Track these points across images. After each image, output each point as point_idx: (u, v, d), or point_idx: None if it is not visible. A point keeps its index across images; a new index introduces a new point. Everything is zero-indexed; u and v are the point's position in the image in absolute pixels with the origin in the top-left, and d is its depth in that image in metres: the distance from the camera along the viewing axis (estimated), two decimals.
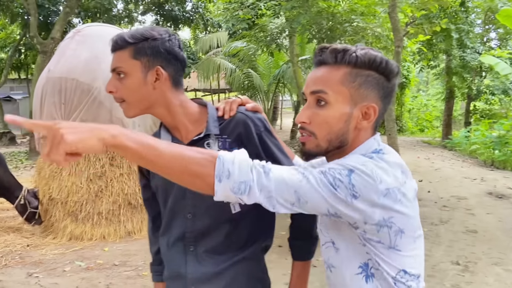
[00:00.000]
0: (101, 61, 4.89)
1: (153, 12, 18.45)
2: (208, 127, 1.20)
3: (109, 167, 4.93)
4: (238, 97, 1.30)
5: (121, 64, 1.14)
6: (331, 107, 0.95)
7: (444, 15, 12.04)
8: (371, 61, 0.94)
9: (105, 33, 5.26)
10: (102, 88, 4.78)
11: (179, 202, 1.23)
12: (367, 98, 0.95)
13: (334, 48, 0.97)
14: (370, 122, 0.97)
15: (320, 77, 0.97)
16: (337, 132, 0.96)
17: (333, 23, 7.04)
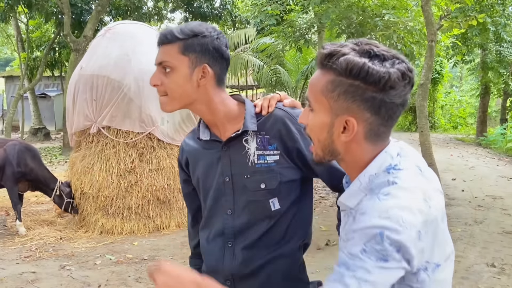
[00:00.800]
0: (131, 58, 4.97)
1: (182, 10, 18.60)
2: (245, 124, 1.19)
3: (138, 163, 5.00)
4: (276, 93, 1.28)
5: (169, 59, 1.13)
6: (315, 115, 0.90)
7: (480, 8, 11.61)
8: (348, 68, 0.83)
9: (134, 31, 5.33)
10: (132, 85, 4.86)
11: (219, 199, 1.23)
12: (347, 110, 0.86)
13: (321, 52, 0.88)
14: (349, 137, 0.87)
15: (311, 82, 0.92)
16: (323, 141, 0.91)
17: (363, 18, 6.89)
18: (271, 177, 1.19)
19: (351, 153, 0.91)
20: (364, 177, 0.90)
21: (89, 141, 5.11)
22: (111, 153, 4.96)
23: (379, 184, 0.86)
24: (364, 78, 0.83)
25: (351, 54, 0.84)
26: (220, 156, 1.22)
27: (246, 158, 1.19)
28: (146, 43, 5.16)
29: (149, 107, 4.96)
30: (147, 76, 4.78)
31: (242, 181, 1.20)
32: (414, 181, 0.85)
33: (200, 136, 1.24)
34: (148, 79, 1.19)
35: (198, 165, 1.28)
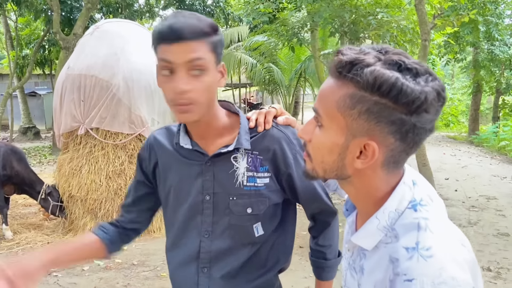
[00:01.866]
0: (120, 57, 4.85)
1: (174, 7, 18.43)
2: (239, 140, 1.06)
3: (128, 165, 4.89)
4: (272, 107, 1.15)
5: (204, 56, 0.95)
6: (325, 132, 0.76)
7: (472, 6, 11.61)
8: (377, 83, 0.68)
9: (123, 29, 5.21)
10: (121, 85, 4.74)
11: (194, 217, 1.10)
12: (368, 132, 0.71)
13: (339, 59, 0.72)
14: (366, 164, 0.74)
15: (321, 92, 0.77)
16: (330, 164, 0.77)
17: (357, 16, 6.82)
18: (259, 201, 1.08)
19: (363, 180, 0.78)
20: (383, 214, 0.76)
21: (77, 143, 4.99)
22: (99, 155, 4.85)
23: (407, 227, 0.73)
24: (395, 97, 0.68)
25: (377, 65, 0.69)
26: (201, 170, 1.09)
27: (234, 178, 1.07)
28: (135, 42, 5.05)
29: (139, 108, 4.85)
30: (136, 75, 4.64)
31: (226, 202, 1.08)
32: (443, 221, 0.75)
33: (180, 142, 1.10)
34: (137, 78, 1.08)
35: (171, 174, 1.13)
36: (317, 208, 1.17)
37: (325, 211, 1.18)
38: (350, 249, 0.88)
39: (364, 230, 0.79)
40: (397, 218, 0.75)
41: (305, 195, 1.13)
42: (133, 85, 4.77)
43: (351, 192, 0.82)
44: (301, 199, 1.14)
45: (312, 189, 1.14)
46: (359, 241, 0.80)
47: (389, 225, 0.75)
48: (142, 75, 4.83)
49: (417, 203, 0.75)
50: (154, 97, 4.96)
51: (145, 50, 5.13)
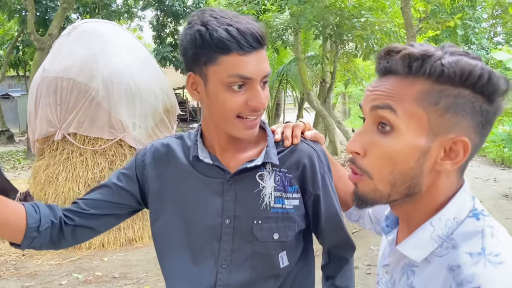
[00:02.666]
0: (99, 59, 4.64)
1: (153, 8, 18.15)
2: (268, 153, 0.93)
3: (108, 172, 4.68)
4: (300, 121, 1.03)
5: None
6: (398, 136, 0.65)
7: (451, 10, 11.78)
8: (465, 74, 0.62)
9: (102, 30, 5.00)
10: (101, 88, 4.53)
11: (210, 244, 0.94)
12: (454, 128, 0.64)
13: (408, 53, 0.64)
14: (456, 164, 0.65)
15: (387, 90, 0.66)
16: (404, 173, 0.66)
17: (341, 19, 6.77)
18: (287, 226, 0.94)
19: (435, 189, 0.68)
20: (439, 221, 0.67)
21: (53, 149, 4.75)
22: (77, 162, 4.62)
23: (468, 235, 0.64)
24: (482, 87, 0.62)
25: (456, 55, 0.63)
26: (222, 189, 0.94)
27: (259, 199, 0.93)
28: (115, 43, 4.85)
29: (119, 112, 4.64)
30: (116, 78, 4.40)
31: (249, 227, 0.93)
32: (507, 234, 0.65)
33: (199, 155, 0.95)
34: (117, 81, 0.94)
35: (182, 190, 0.97)
36: (337, 240, 1.04)
37: (345, 244, 1.06)
38: (389, 271, 0.76)
39: (414, 238, 0.69)
40: (455, 228, 0.66)
41: (327, 223, 1.00)
42: (113, 88, 4.57)
43: (407, 208, 0.71)
44: (322, 227, 1.00)
45: (336, 216, 1.01)
46: (407, 251, 0.69)
47: (446, 235, 0.66)
48: (122, 77, 4.64)
49: (479, 212, 0.67)
50: (135, 101, 4.77)
51: (125, 52, 4.95)
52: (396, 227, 0.80)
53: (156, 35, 18.22)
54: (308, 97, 8.29)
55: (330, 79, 8.92)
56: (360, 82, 10.08)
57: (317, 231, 1.03)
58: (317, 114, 9.96)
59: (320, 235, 1.03)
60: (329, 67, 8.79)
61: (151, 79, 5.03)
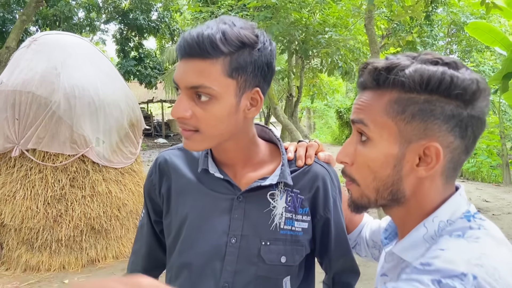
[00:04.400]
0: (61, 72, 4.48)
1: (117, 21, 17.88)
2: (283, 173, 0.89)
3: (69, 189, 4.48)
4: (314, 141, 0.99)
5: (208, 83, 0.78)
6: (373, 146, 0.69)
7: (409, 28, 12.27)
8: (424, 80, 0.64)
9: (64, 42, 4.84)
10: (62, 102, 4.36)
11: (212, 263, 0.89)
12: (425, 133, 0.66)
13: (373, 67, 0.69)
14: (430, 170, 0.66)
15: (361, 104, 0.71)
16: (384, 180, 0.69)
17: (306, 35, 6.89)
18: (295, 250, 0.90)
19: (420, 195, 0.69)
20: (432, 223, 0.68)
21: (10, 166, 4.50)
22: (36, 179, 4.40)
23: (455, 230, 0.65)
24: (447, 90, 0.64)
25: (416, 64, 0.65)
26: (230, 206, 0.89)
27: (269, 219, 0.89)
28: (78, 56, 4.70)
29: (82, 126, 4.48)
30: (79, 92, 4.25)
31: (256, 248, 0.88)
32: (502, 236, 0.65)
33: (209, 168, 0.90)
34: (80, 94, 0.87)
35: (188, 204, 0.92)
36: (343, 265, 1.00)
37: (351, 270, 1.02)
38: (387, 281, 0.77)
39: (409, 239, 0.70)
40: (445, 228, 0.67)
41: (336, 249, 0.96)
42: (76, 102, 4.41)
43: (400, 213, 0.73)
44: (330, 253, 0.97)
45: (345, 242, 0.98)
46: (401, 252, 0.71)
47: (437, 234, 0.67)
48: (86, 91, 4.49)
49: (471, 215, 0.68)
50: (99, 115, 4.62)
51: (88, 65, 4.80)
52: (394, 239, 0.81)
53: (119, 48, 17.91)
54: (274, 111, 8.33)
55: (297, 94, 9.01)
56: (324, 97, 10.26)
57: (323, 256, 0.99)
58: (284, 128, 10.04)
59: (326, 260, 1.00)
60: (295, 81, 8.89)
61: (116, 92, 4.90)
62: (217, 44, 0.76)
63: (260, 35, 0.81)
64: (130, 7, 17.05)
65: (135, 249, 1.07)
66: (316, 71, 8.40)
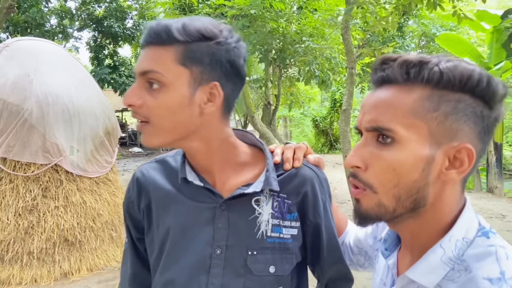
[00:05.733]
0: (33, 79, 4.34)
1: (90, 28, 17.61)
2: (268, 179, 0.84)
3: (41, 199, 4.33)
4: (302, 143, 0.95)
5: (160, 69, 0.76)
6: (400, 147, 0.62)
7: (382, 39, 12.56)
8: (464, 78, 0.61)
9: (37, 48, 4.71)
10: (34, 110, 4.23)
11: (197, 277, 0.84)
12: (457, 135, 0.61)
13: (404, 60, 0.63)
14: (462, 173, 0.63)
15: (383, 102, 0.64)
16: (409, 186, 0.63)
17: (284, 44, 6.94)
18: (284, 258, 0.85)
19: (440, 204, 0.64)
20: (449, 243, 0.63)
21: None
22: (7, 189, 4.23)
23: (480, 257, 0.61)
24: (482, 91, 0.61)
25: (453, 61, 0.62)
26: (213, 216, 0.84)
27: (255, 227, 0.85)
28: (52, 62, 4.58)
29: (55, 135, 4.35)
30: (52, 99, 4.12)
31: (242, 258, 0.84)
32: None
33: (188, 177, 0.86)
34: (53, 102, 0.83)
35: (168, 218, 0.88)
36: (337, 272, 0.96)
37: (344, 278, 0.99)
38: None
39: (425, 262, 0.64)
40: (465, 248, 0.63)
41: (328, 255, 0.93)
42: (49, 110, 4.29)
43: (412, 226, 0.67)
44: (322, 259, 0.93)
45: (337, 247, 0.95)
46: (418, 277, 0.65)
47: (456, 257, 0.62)
48: (59, 98, 4.37)
49: (488, 231, 0.64)
50: (73, 123, 4.50)
51: (62, 71, 4.68)
52: (395, 250, 0.76)
53: (93, 56, 17.61)
54: (252, 119, 8.34)
55: (274, 102, 9.06)
56: (301, 105, 10.35)
57: (315, 264, 0.95)
58: (261, 137, 10.05)
59: (318, 268, 0.96)
60: (272, 90, 8.94)
61: (91, 100, 4.79)
62: (172, 31, 0.76)
63: (224, 31, 0.80)
64: (104, 14, 16.83)
65: (122, 272, 1.03)
66: (293, 80, 8.47)
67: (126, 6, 16.88)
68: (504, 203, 8.47)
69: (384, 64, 0.66)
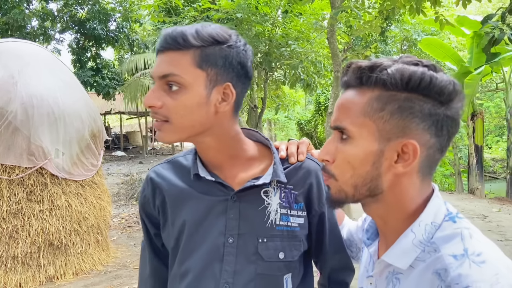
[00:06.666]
0: (18, 81, 4.28)
1: (73, 31, 17.39)
2: (276, 171, 0.91)
3: (26, 203, 4.27)
4: (305, 139, 1.03)
5: (179, 72, 0.82)
6: (354, 143, 0.71)
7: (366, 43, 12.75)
8: (405, 79, 0.67)
9: (21, 50, 4.65)
10: (19, 112, 4.17)
11: (211, 265, 0.90)
12: (404, 131, 0.68)
13: (357, 66, 0.72)
14: (407, 166, 0.69)
15: (342, 105, 0.73)
16: (363, 176, 0.71)
17: (270, 47, 6.99)
18: (293, 245, 0.91)
19: (398, 191, 0.72)
20: (419, 228, 0.70)
21: None
22: None
23: (447, 238, 0.68)
24: (426, 89, 0.67)
25: (398, 64, 0.69)
26: (225, 207, 0.90)
27: (264, 216, 0.91)
28: (36, 64, 4.53)
29: (40, 138, 4.30)
30: (37, 101, 4.08)
31: (253, 246, 0.90)
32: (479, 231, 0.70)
33: (200, 172, 0.91)
34: (38, 104, 0.86)
35: (183, 212, 0.93)
36: (339, 262, 1.02)
37: (346, 267, 1.04)
38: (373, 282, 0.79)
39: (398, 246, 0.72)
40: (434, 232, 0.70)
41: (331, 244, 0.98)
42: (33, 112, 4.23)
43: (379, 211, 0.76)
44: (325, 248, 0.98)
45: (339, 237, 1.01)
46: (393, 259, 0.72)
47: (426, 239, 0.70)
48: (44, 101, 4.32)
49: (455, 216, 0.71)
50: (58, 125, 4.45)
51: (47, 74, 4.63)
52: (376, 239, 0.84)
53: (75, 58, 17.38)
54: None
55: (260, 105, 9.09)
56: (286, 108, 10.41)
57: (318, 253, 1.01)
58: None
59: (321, 257, 1.01)
60: (257, 93, 8.98)
61: (76, 102, 4.75)
62: (188, 37, 0.82)
63: (233, 36, 0.87)
64: (87, 16, 16.64)
65: (140, 272, 1.07)
66: (279, 83, 8.53)
67: (110, 8, 16.72)
68: (485, 203, 8.67)
69: (346, 70, 0.74)
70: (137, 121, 20.34)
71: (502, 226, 6.32)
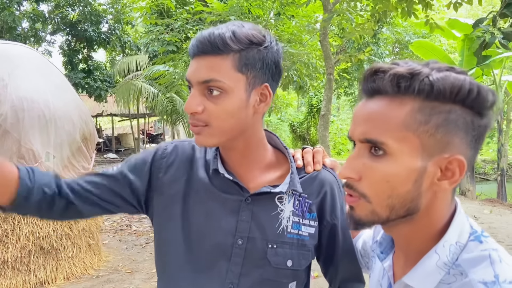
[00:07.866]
0: (8, 83, 4.23)
1: (64, 32, 17.27)
2: (293, 181, 0.90)
3: None
4: (319, 147, 1.01)
5: (221, 77, 0.81)
6: (393, 160, 0.63)
7: (358, 45, 12.81)
8: (455, 89, 0.60)
9: (11, 52, 4.60)
10: (9, 115, 4.12)
11: (217, 264, 0.89)
12: (448, 146, 0.62)
13: (395, 72, 0.63)
14: (454, 183, 0.63)
15: (375, 115, 0.64)
16: (403, 196, 0.64)
17: None
18: (301, 254, 0.90)
19: (433, 210, 0.66)
20: (443, 248, 0.65)
21: None
22: None
23: (475, 261, 0.63)
24: (473, 101, 0.61)
25: (443, 70, 0.62)
26: (238, 208, 0.89)
27: (276, 222, 0.90)
28: (27, 67, 4.48)
29: (31, 140, 4.24)
30: (27, 104, 4.03)
31: (262, 251, 0.88)
32: (506, 253, 0.64)
33: (219, 169, 0.90)
34: (29, 107, 0.82)
35: (196, 203, 0.91)
36: (350, 273, 1.01)
37: (356, 279, 1.03)
38: None
39: (422, 268, 0.66)
40: (459, 253, 0.65)
41: (344, 256, 0.97)
42: (24, 115, 4.18)
43: (404, 230, 0.69)
44: (337, 260, 0.97)
45: (352, 249, 1.00)
46: (415, 282, 0.66)
47: (451, 261, 0.64)
48: (35, 103, 4.27)
49: (480, 234, 0.66)
50: (49, 128, 4.40)
51: (38, 76, 4.58)
52: (390, 252, 0.79)
53: (67, 60, 17.25)
54: None
55: None
56: (279, 111, 10.42)
57: (329, 264, 0.99)
58: None
59: (332, 268, 1.00)
60: None
61: (68, 105, 4.70)
62: (227, 41, 0.81)
63: (267, 36, 0.86)
64: (79, 18, 16.54)
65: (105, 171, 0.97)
66: None
67: (101, 10, 16.63)
68: (477, 205, 8.74)
69: (375, 75, 0.66)
70: (129, 123, 20.23)
71: (494, 227, 6.37)
